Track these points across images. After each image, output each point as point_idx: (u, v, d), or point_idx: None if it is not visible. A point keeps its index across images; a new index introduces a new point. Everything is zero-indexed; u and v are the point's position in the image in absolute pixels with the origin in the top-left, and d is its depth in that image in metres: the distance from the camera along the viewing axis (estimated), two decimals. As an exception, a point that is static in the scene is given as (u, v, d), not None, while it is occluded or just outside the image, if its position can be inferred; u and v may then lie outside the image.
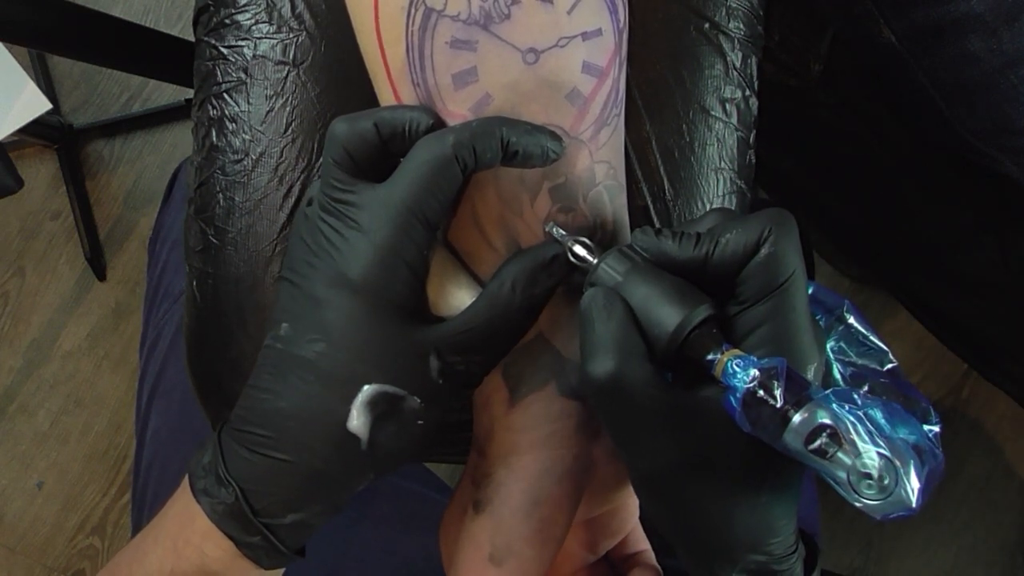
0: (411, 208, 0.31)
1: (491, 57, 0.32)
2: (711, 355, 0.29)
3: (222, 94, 0.41)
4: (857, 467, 0.26)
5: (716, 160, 0.42)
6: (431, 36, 0.32)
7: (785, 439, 0.27)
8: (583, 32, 0.33)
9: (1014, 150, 0.56)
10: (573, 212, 0.35)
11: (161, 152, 1.33)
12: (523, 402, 0.36)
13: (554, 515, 0.36)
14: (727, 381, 0.28)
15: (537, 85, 0.33)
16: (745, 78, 0.43)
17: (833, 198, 0.80)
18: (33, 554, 1.28)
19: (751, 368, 0.28)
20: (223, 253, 0.41)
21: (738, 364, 0.28)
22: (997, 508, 1.18)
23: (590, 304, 0.31)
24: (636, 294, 0.31)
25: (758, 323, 0.30)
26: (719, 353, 0.29)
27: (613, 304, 0.30)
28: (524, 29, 0.32)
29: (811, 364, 0.30)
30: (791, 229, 0.30)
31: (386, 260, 0.31)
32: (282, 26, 0.40)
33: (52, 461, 1.29)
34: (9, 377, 1.31)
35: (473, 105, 0.33)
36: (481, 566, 0.36)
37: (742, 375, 0.28)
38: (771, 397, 0.27)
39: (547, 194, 0.35)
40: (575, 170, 0.35)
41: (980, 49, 0.50)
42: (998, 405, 1.18)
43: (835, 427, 0.26)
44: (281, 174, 0.40)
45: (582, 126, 0.35)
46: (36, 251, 1.33)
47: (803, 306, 0.30)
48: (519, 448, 0.36)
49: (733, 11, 0.42)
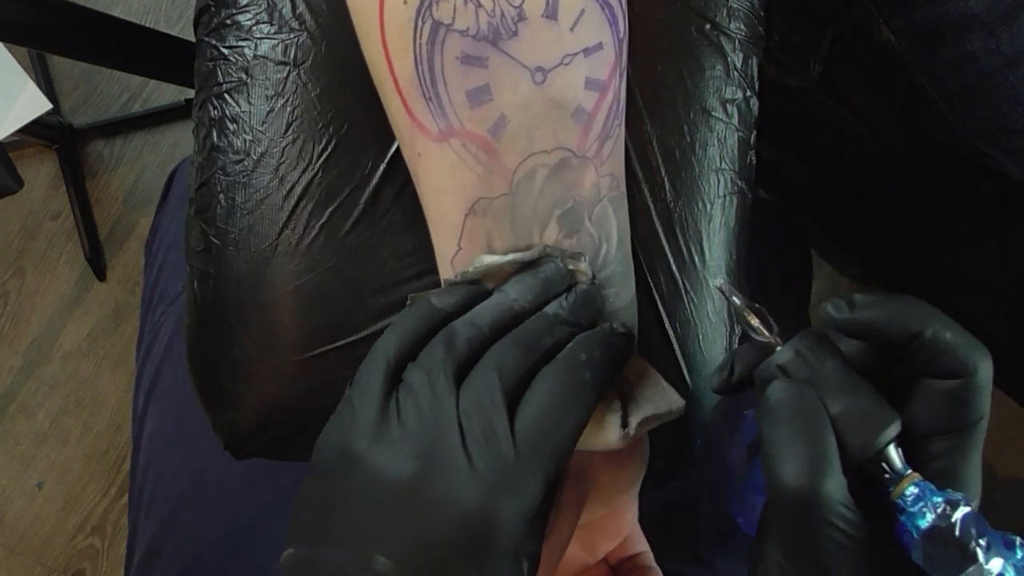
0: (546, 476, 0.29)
1: (503, 75, 0.32)
2: (890, 475, 0.28)
3: (223, 94, 0.41)
4: None
5: (717, 161, 0.42)
6: (440, 50, 0.32)
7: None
8: (584, 48, 0.33)
9: (1013, 150, 0.56)
10: (579, 234, 0.35)
11: (161, 152, 1.33)
12: None
13: (559, 520, 0.36)
14: (904, 506, 0.27)
15: (546, 106, 0.33)
16: (746, 79, 0.43)
17: (833, 198, 0.80)
18: (33, 554, 1.28)
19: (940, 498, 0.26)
20: (224, 253, 0.41)
21: (924, 491, 0.27)
22: (997, 508, 1.18)
23: (780, 401, 0.28)
24: (832, 397, 0.28)
25: (941, 454, 0.29)
26: (900, 475, 0.28)
27: (814, 407, 0.28)
28: (531, 47, 0.32)
29: (975, 501, 0.29)
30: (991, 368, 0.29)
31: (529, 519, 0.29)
32: (283, 26, 0.40)
33: (52, 461, 1.29)
34: (9, 377, 1.31)
35: (491, 126, 0.33)
36: None
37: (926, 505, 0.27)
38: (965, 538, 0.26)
39: (556, 222, 0.35)
40: (583, 191, 0.35)
41: (979, 49, 0.50)
42: (998, 405, 1.18)
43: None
44: (282, 174, 0.40)
45: (587, 143, 0.34)
46: (36, 251, 1.33)
47: (981, 443, 0.29)
48: None
49: (734, 12, 0.42)
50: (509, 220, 0.34)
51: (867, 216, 0.79)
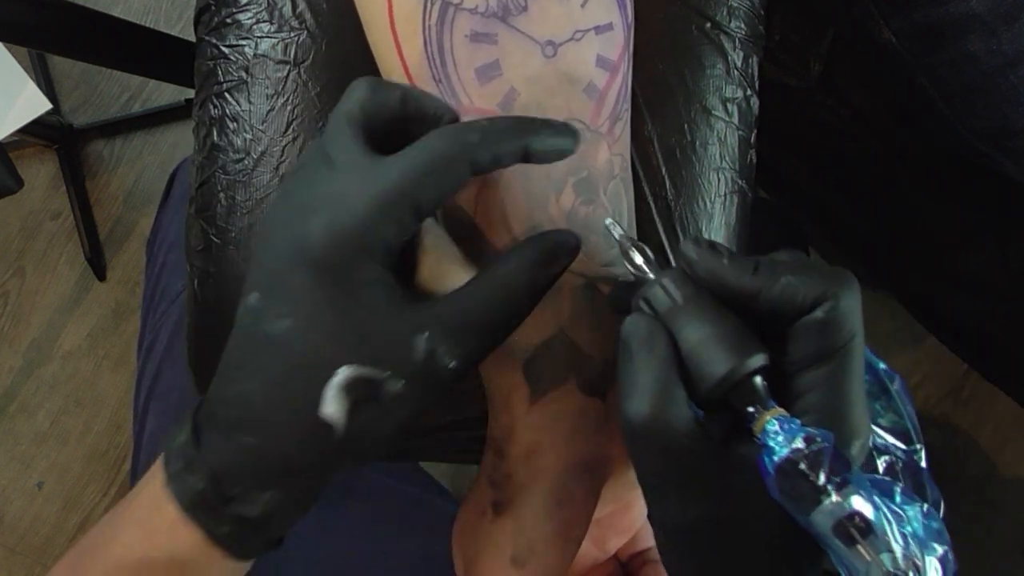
0: (404, 190, 0.28)
1: (513, 50, 0.32)
2: (753, 409, 0.28)
3: (223, 93, 0.41)
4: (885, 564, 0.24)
5: (717, 159, 0.42)
6: (450, 30, 0.32)
7: (813, 517, 0.25)
8: (596, 26, 0.33)
9: (1014, 150, 0.56)
10: (594, 204, 0.35)
11: (161, 152, 1.33)
12: (544, 400, 0.35)
13: (576, 515, 0.35)
14: (764, 440, 0.27)
15: (557, 79, 0.33)
16: (746, 77, 0.43)
17: (833, 198, 0.80)
18: (33, 554, 1.28)
19: (797, 436, 0.26)
20: (224, 252, 0.41)
21: (783, 426, 0.27)
22: (997, 508, 1.18)
23: (632, 333, 0.29)
24: (690, 328, 0.28)
25: (810, 387, 0.28)
26: (763, 409, 0.27)
27: (658, 338, 0.28)
28: (541, 21, 0.32)
29: (858, 440, 0.29)
30: (856, 293, 0.28)
31: (362, 235, 0.28)
32: (283, 25, 0.40)
33: (52, 461, 1.29)
34: (9, 377, 1.31)
35: (501, 101, 0.33)
36: (503, 568, 0.35)
37: (784, 439, 0.26)
38: (812, 472, 0.25)
39: (571, 188, 0.34)
40: (596, 163, 0.35)
41: (979, 50, 0.51)
42: (998, 405, 1.18)
43: (868, 519, 0.25)
44: (282, 173, 0.40)
45: (600, 119, 0.35)
46: (36, 251, 1.33)
47: (858, 377, 0.28)
48: (541, 447, 0.35)
49: (734, 10, 0.42)
50: (523, 186, 0.34)
51: (867, 216, 0.79)
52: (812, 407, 0.28)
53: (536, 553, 0.35)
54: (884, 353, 1.20)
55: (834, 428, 0.27)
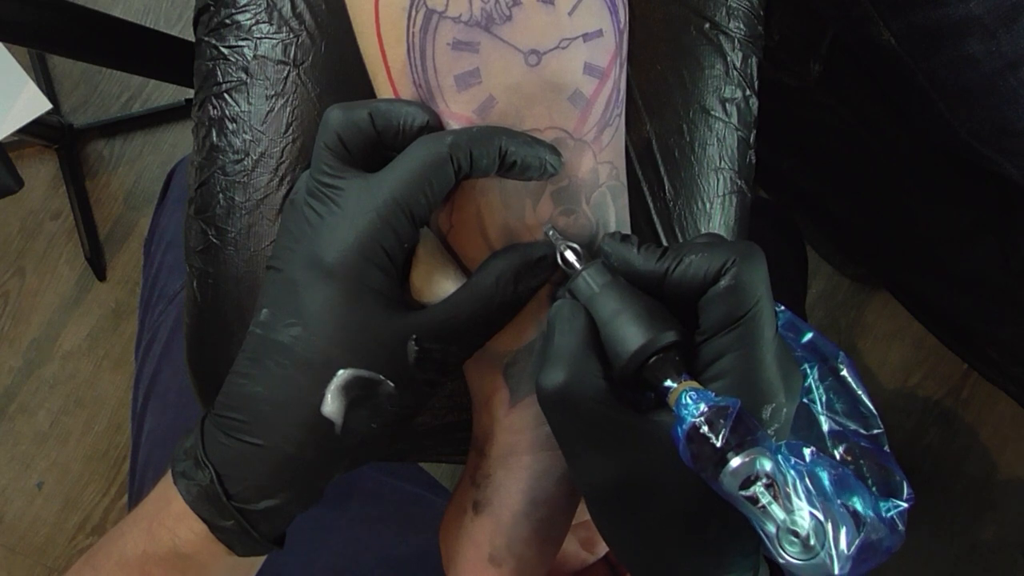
0: (398, 200, 0.31)
1: (493, 58, 0.32)
2: (668, 382, 0.29)
3: (223, 94, 0.41)
4: (787, 523, 0.26)
5: (716, 160, 0.42)
6: (432, 37, 0.32)
7: (721, 480, 0.27)
8: (584, 33, 0.33)
9: (1013, 152, 0.56)
10: (575, 215, 0.35)
11: (161, 152, 1.33)
12: (523, 403, 0.36)
13: (554, 515, 0.36)
14: (678, 411, 0.28)
15: (540, 87, 0.33)
16: (745, 78, 0.43)
17: (833, 198, 0.80)
18: (33, 554, 1.28)
19: (702, 403, 0.27)
20: (223, 253, 0.42)
21: (691, 396, 0.28)
22: (997, 508, 1.18)
23: (555, 314, 0.32)
24: (607, 309, 0.31)
25: (718, 355, 0.30)
26: (676, 382, 0.29)
27: (576, 317, 0.31)
28: (525, 30, 0.32)
29: (769, 404, 0.30)
30: (758, 262, 0.30)
31: (365, 246, 0.31)
32: (282, 26, 0.40)
33: (52, 461, 1.29)
34: (9, 377, 1.31)
35: (477, 107, 0.33)
36: (481, 567, 0.36)
37: (693, 408, 0.28)
38: (714, 436, 0.27)
39: (549, 198, 0.35)
40: (579, 173, 0.35)
41: (979, 51, 0.51)
42: (998, 405, 1.18)
43: (772, 478, 0.26)
44: (282, 174, 0.41)
45: (585, 128, 0.35)
46: (36, 251, 1.33)
47: (767, 342, 0.30)
48: (519, 448, 0.36)
49: (733, 11, 0.42)
50: (499, 194, 0.34)
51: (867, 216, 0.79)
52: (722, 372, 0.30)
53: (513, 553, 0.35)
54: (884, 353, 1.20)
55: (744, 393, 0.29)
